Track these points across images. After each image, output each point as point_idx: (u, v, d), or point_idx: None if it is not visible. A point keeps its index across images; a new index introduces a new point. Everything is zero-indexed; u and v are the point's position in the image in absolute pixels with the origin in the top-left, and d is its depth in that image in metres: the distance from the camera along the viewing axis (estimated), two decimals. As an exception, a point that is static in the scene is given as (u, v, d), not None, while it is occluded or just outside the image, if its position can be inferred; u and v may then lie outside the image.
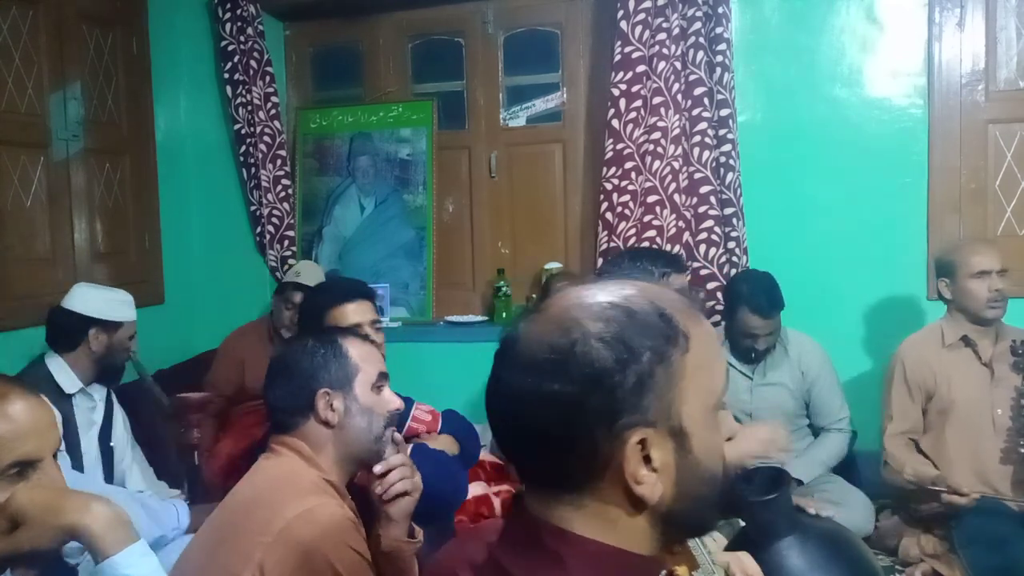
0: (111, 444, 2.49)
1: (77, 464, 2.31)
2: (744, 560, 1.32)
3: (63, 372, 2.37)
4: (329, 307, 1.99)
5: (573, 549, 0.73)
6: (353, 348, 1.53)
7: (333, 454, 1.48)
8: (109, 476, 2.44)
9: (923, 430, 2.63)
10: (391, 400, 1.55)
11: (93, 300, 2.46)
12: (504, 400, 0.75)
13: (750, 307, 2.69)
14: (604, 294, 0.75)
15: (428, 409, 2.40)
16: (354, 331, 1.69)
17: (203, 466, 2.66)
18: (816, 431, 2.87)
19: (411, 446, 1.94)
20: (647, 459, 0.71)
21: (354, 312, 2.01)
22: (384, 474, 1.48)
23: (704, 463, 0.74)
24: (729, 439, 1.37)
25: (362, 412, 1.50)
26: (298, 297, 3.00)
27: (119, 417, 2.56)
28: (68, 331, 2.41)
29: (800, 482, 2.61)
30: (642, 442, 0.71)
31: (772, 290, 2.74)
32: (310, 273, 3.18)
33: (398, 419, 2.28)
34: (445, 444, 2.22)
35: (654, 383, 0.70)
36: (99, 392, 2.50)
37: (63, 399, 2.33)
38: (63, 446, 2.28)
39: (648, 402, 0.70)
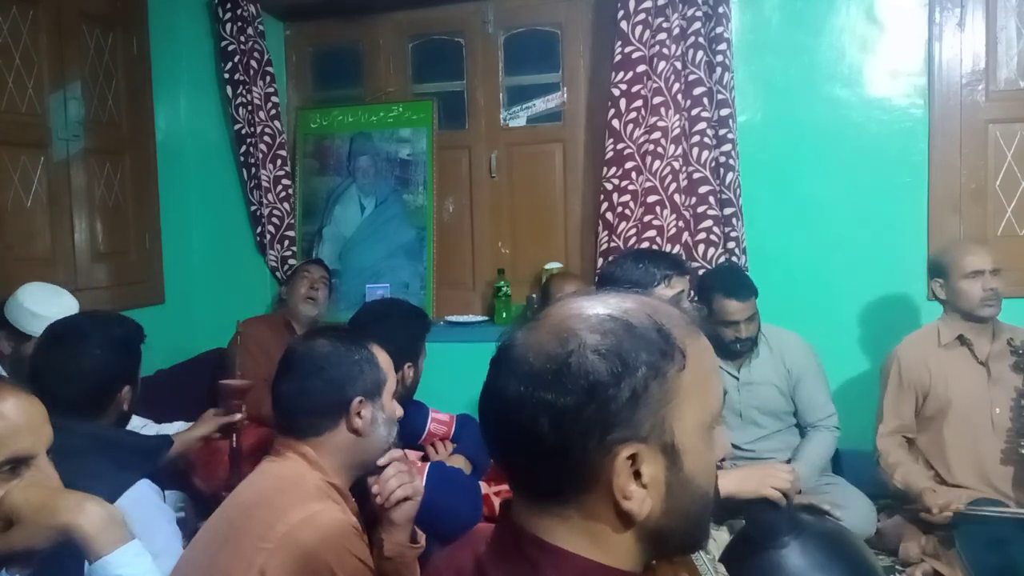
0: None
1: None
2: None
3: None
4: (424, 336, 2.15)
5: (552, 560, 0.73)
6: (380, 355, 1.53)
7: (346, 460, 1.47)
8: None
9: (917, 430, 2.64)
10: (399, 409, 1.57)
11: (11, 304, 2.36)
12: (497, 406, 0.75)
13: (724, 292, 2.71)
14: (603, 306, 0.75)
15: (444, 418, 2.40)
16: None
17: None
18: (802, 430, 2.86)
19: (428, 464, 1.93)
20: (637, 474, 0.71)
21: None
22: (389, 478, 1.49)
23: (695, 481, 0.74)
24: (722, 461, 1.36)
25: (385, 422, 1.51)
26: (312, 268, 3.35)
27: None
28: None
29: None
30: (633, 457, 0.70)
31: (741, 275, 2.80)
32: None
33: (417, 426, 2.30)
34: (458, 463, 2.23)
35: (648, 398, 0.70)
36: None
37: None
38: None
39: (641, 417, 0.70)
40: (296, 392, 1.47)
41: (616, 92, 3.15)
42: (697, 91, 3.10)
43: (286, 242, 3.69)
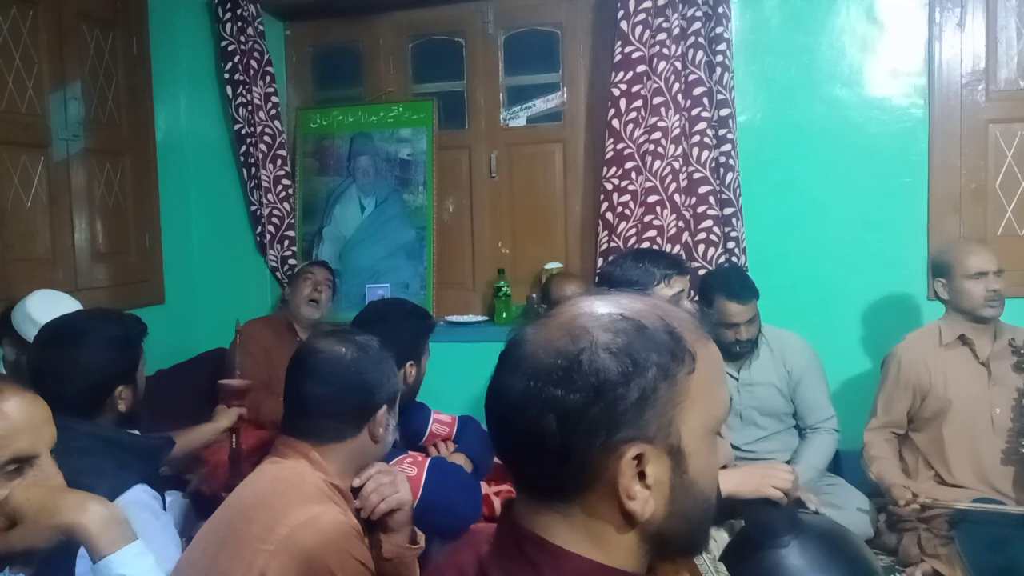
0: None
1: None
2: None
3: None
4: (426, 336, 2.15)
5: (551, 560, 0.73)
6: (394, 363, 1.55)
7: (354, 464, 1.47)
8: None
9: (917, 430, 2.65)
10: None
11: (17, 311, 2.35)
12: (504, 402, 0.75)
13: (726, 294, 2.70)
14: (615, 306, 0.75)
15: (446, 419, 2.40)
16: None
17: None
18: (801, 431, 2.86)
19: (429, 460, 1.94)
20: (642, 475, 0.71)
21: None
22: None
23: (698, 484, 0.74)
24: (724, 467, 1.37)
25: (392, 429, 1.52)
26: (316, 270, 3.29)
27: None
28: None
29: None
30: (638, 457, 0.71)
31: (744, 277, 2.78)
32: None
33: (420, 426, 2.30)
34: (459, 462, 2.22)
35: (657, 399, 0.71)
36: None
37: None
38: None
39: (649, 418, 0.70)
40: (325, 398, 1.44)
41: (616, 92, 3.15)
42: (697, 91, 3.10)
43: (286, 242, 3.69)
